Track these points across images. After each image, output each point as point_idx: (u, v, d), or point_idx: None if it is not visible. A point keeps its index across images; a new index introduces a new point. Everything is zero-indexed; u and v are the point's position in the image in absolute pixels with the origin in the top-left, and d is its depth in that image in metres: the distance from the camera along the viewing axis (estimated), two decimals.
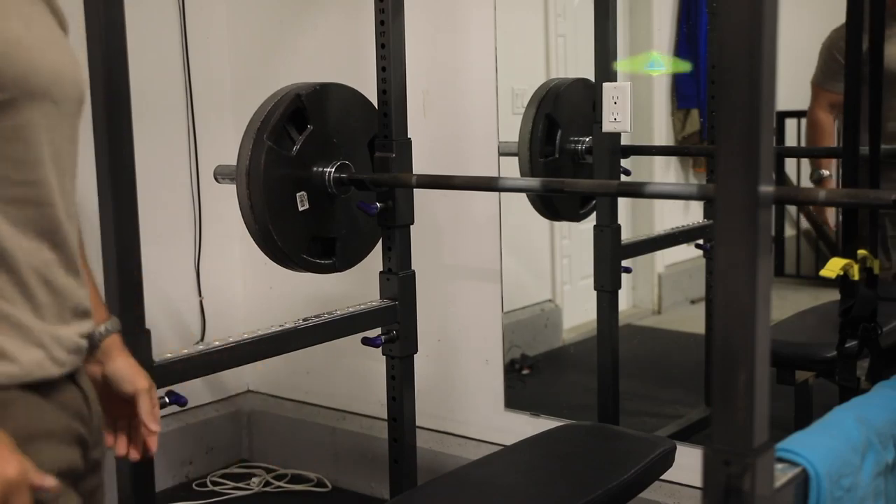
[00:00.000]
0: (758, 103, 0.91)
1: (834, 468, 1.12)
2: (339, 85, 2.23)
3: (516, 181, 2.48)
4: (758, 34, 0.90)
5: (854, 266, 1.79)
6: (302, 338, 2.05)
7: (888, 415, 1.27)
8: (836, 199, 1.62)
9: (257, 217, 2.06)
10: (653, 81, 3.14)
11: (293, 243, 2.13)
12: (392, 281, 2.20)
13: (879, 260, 1.94)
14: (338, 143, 2.18)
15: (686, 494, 2.46)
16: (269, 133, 2.04)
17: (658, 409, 3.01)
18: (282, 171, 2.08)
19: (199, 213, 3.18)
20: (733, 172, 0.93)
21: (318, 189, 2.15)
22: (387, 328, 2.20)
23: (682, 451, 2.02)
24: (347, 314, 2.12)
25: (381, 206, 2.16)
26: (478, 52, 2.73)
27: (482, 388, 2.87)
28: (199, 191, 3.16)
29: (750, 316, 0.93)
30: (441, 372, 2.92)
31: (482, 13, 2.70)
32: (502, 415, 2.84)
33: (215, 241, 3.24)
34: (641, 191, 1.95)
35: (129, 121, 1.66)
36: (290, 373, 3.30)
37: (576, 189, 2.11)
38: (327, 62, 3.03)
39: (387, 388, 2.24)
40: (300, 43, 3.10)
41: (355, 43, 2.88)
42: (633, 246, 2.60)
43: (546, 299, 3.25)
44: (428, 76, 2.79)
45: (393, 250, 2.20)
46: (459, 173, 2.64)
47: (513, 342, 3.05)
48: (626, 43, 3.04)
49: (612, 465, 1.88)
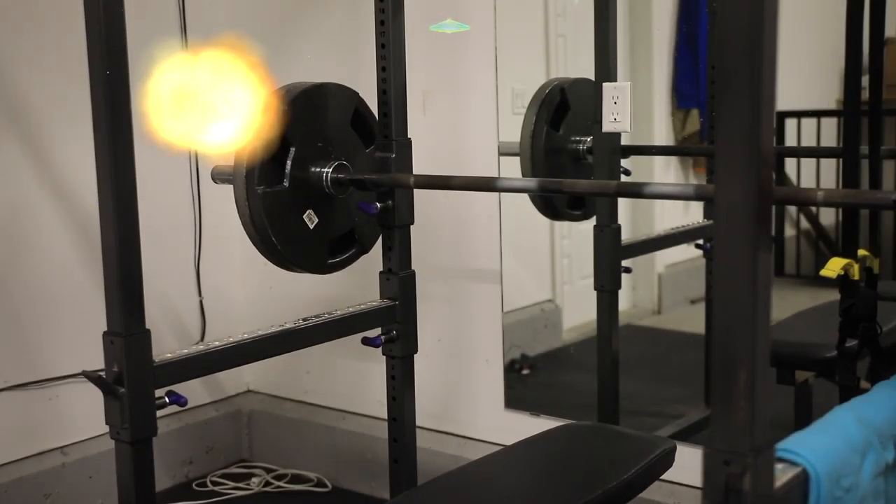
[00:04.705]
0: (758, 103, 0.91)
1: (834, 468, 1.12)
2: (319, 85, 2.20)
3: (516, 181, 2.48)
4: (758, 34, 0.90)
5: (854, 266, 1.79)
6: (302, 338, 2.04)
7: (888, 415, 1.27)
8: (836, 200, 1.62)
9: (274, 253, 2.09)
10: (653, 81, 3.14)
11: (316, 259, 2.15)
12: (392, 281, 2.20)
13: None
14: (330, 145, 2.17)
15: (686, 494, 2.46)
16: (258, 178, 2.04)
17: (658, 409, 3.01)
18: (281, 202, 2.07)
19: (199, 213, 3.18)
20: (733, 172, 0.93)
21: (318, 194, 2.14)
22: (387, 328, 2.20)
23: (682, 451, 2.02)
24: (347, 314, 2.12)
25: (380, 206, 2.16)
26: (478, 52, 2.73)
27: (482, 388, 2.87)
28: (199, 191, 3.16)
29: (750, 316, 0.93)
30: (441, 372, 2.92)
31: (482, 13, 2.70)
32: (502, 415, 2.84)
33: (215, 241, 3.24)
34: (641, 191, 1.95)
35: (129, 120, 1.66)
36: (290, 373, 3.30)
37: (575, 189, 2.11)
38: (327, 62, 3.03)
39: (387, 388, 2.24)
40: (300, 43, 3.10)
41: (355, 43, 2.88)
42: (633, 246, 2.60)
43: (546, 299, 3.25)
44: (428, 76, 2.79)
45: (393, 250, 2.20)
46: (459, 173, 2.64)
47: (513, 342, 3.05)
48: (626, 43, 3.04)
49: (612, 465, 1.88)
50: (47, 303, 2.83)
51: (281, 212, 2.06)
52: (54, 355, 2.83)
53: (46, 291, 2.82)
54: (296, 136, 2.08)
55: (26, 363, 2.79)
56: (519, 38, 2.98)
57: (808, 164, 3.20)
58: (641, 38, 3.12)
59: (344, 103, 2.21)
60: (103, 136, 1.63)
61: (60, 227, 2.85)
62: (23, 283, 2.78)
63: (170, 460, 3.12)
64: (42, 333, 2.82)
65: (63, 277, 2.85)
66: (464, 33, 2.74)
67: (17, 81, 2.76)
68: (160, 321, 3.10)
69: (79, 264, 2.87)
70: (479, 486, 1.87)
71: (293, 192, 2.08)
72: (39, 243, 2.81)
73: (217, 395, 3.32)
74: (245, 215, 2.03)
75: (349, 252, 2.23)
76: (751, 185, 0.92)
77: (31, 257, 2.80)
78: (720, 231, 0.94)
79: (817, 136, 3.14)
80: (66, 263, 2.86)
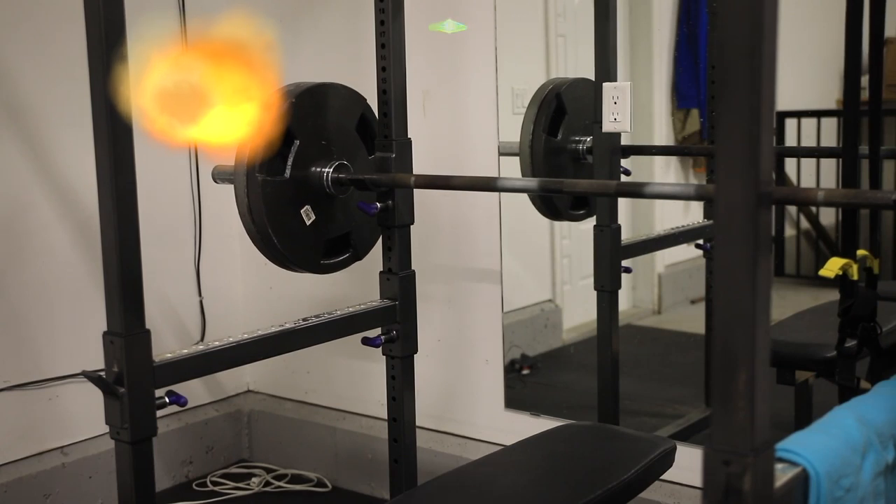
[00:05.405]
0: (758, 103, 0.91)
1: (834, 468, 1.12)
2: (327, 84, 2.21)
3: (516, 181, 2.48)
4: (758, 34, 0.90)
5: (853, 266, 1.79)
6: (302, 338, 2.04)
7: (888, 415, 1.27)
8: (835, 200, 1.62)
9: (269, 247, 2.08)
10: (653, 81, 3.14)
11: (309, 257, 2.15)
12: (392, 281, 2.20)
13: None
14: (332, 144, 2.17)
15: (686, 494, 2.46)
16: (259, 166, 2.04)
17: (658, 409, 3.01)
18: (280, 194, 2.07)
19: (199, 213, 3.18)
20: (733, 172, 0.93)
21: (318, 193, 2.14)
22: (387, 328, 2.20)
23: (682, 451, 2.02)
24: (347, 314, 2.12)
25: (380, 207, 2.16)
26: (478, 52, 2.73)
27: (482, 388, 2.87)
28: (199, 191, 3.16)
29: (750, 316, 0.93)
30: (441, 372, 2.92)
31: (482, 13, 2.70)
32: (502, 415, 2.84)
33: (215, 241, 3.24)
34: (641, 191, 1.95)
35: (130, 120, 1.66)
36: (290, 373, 3.30)
37: (575, 189, 2.11)
38: (327, 62, 3.03)
39: (387, 388, 2.24)
40: (300, 43, 3.10)
41: (355, 43, 2.88)
42: (633, 246, 2.60)
43: (546, 299, 3.25)
44: (428, 76, 2.79)
45: (393, 250, 2.20)
46: (459, 173, 2.64)
47: (513, 342, 3.05)
48: (626, 43, 3.04)
49: (612, 465, 1.88)
50: (47, 303, 2.83)
51: (279, 203, 2.06)
52: (54, 355, 2.83)
53: (46, 291, 2.82)
54: (301, 129, 2.09)
55: (26, 363, 2.79)
56: (519, 38, 2.98)
57: (808, 164, 3.20)
58: (641, 38, 3.12)
59: (351, 106, 2.22)
60: (103, 135, 1.63)
61: (60, 227, 2.85)
62: (23, 283, 2.78)
63: (170, 460, 3.12)
64: (42, 333, 2.82)
65: (63, 277, 2.85)
66: (464, 33, 2.74)
67: (17, 81, 2.76)
68: (160, 321, 3.10)
69: (79, 264, 2.87)
70: (479, 486, 1.87)
71: (293, 186, 2.09)
72: (39, 243, 2.81)
73: (217, 395, 3.32)
74: (243, 203, 2.03)
75: (343, 256, 2.23)
76: (751, 185, 0.92)
77: (31, 257, 2.80)
78: (720, 231, 0.94)
79: (817, 136, 3.14)
80: (67, 263, 2.86)
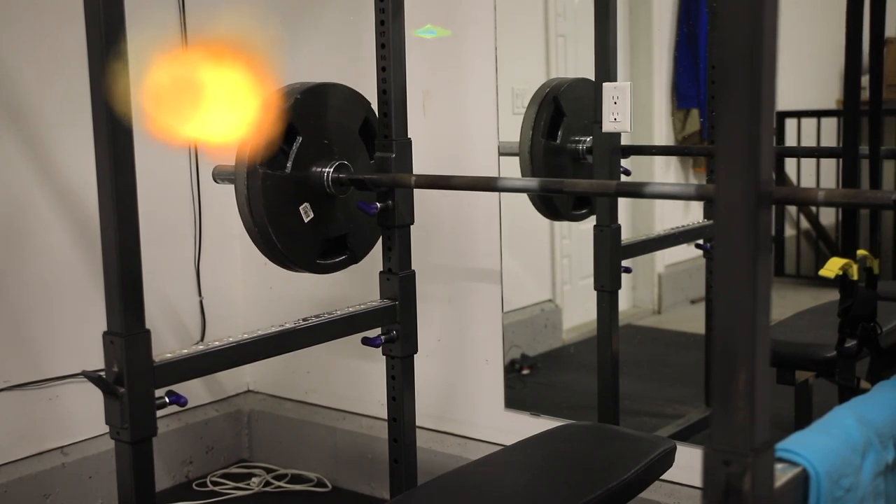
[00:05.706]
0: (758, 103, 0.91)
1: (834, 468, 1.12)
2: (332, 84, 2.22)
3: (516, 181, 2.48)
4: (758, 34, 0.90)
5: (853, 266, 1.79)
6: (302, 338, 2.04)
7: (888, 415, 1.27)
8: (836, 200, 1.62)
9: (266, 242, 2.08)
10: (653, 81, 3.14)
11: (306, 256, 2.15)
12: (392, 281, 2.20)
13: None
14: (334, 144, 2.18)
15: (686, 494, 2.46)
16: (261, 159, 2.04)
17: (658, 409, 3.01)
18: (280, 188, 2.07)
19: (199, 213, 3.18)
20: (733, 172, 0.92)
21: (318, 192, 2.14)
22: (387, 328, 2.20)
23: (682, 451, 2.02)
24: (347, 314, 2.12)
25: (380, 207, 2.16)
26: (478, 52, 2.73)
27: (482, 388, 2.87)
28: (199, 191, 3.16)
29: (750, 316, 0.93)
30: (441, 372, 2.92)
31: (482, 13, 2.70)
32: (502, 415, 2.84)
33: (215, 241, 3.24)
34: (641, 191, 1.95)
35: (129, 120, 1.66)
36: (290, 373, 3.30)
37: (575, 189, 2.11)
38: (327, 62, 3.03)
39: (387, 388, 2.24)
40: (300, 43, 3.10)
41: (355, 43, 2.88)
42: (633, 246, 2.60)
43: (546, 299, 3.25)
44: (428, 76, 2.79)
45: (393, 250, 2.20)
46: (459, 173, 2.64)
47: (513, 342, 3.05)
48: (626, 43, 3.04)
49: (612, 465, 1.88)
50: (47, 303, 2.83)
51: (278, 198, 2.06)
52: (54, 355, 2.83)
53: (46, 291, 2.82)
54: (304, 126, 2.09)
55: (26, 363, 2.79)
56: (519, 38, 2.98)
57: (808, 164, 3.20)
58: (641, 38, 3.12)
59: (355, 108, 2.23)
60: (103, 135, 1.63)
61: (60, 227, 2.85)
62: (23, 283, 2.78)
63: (170, 460, 3.12)
64: (42, 333, 2.82)
65: (63, 277, 2.85)
66: (464, 33, 2.74)
67: (16, 81, 2.76)
68: (160, 321, 3.10)
69: (79, 264, 2.87)
70: (479, 486, 1.87)
71: (293, 182, 2.09)
72: (39, 243, 2.81)
73: (217, 395, 3.32)
74: (242, 195, 2.03)
75: (340, 257, 2.23)
76: (751, 185, 0.92)
77: (31, 257, 2.80)
78: (720, 231, 0.94)
79: (817, 136, 3.14)
80: (66, 263, 2.86)
